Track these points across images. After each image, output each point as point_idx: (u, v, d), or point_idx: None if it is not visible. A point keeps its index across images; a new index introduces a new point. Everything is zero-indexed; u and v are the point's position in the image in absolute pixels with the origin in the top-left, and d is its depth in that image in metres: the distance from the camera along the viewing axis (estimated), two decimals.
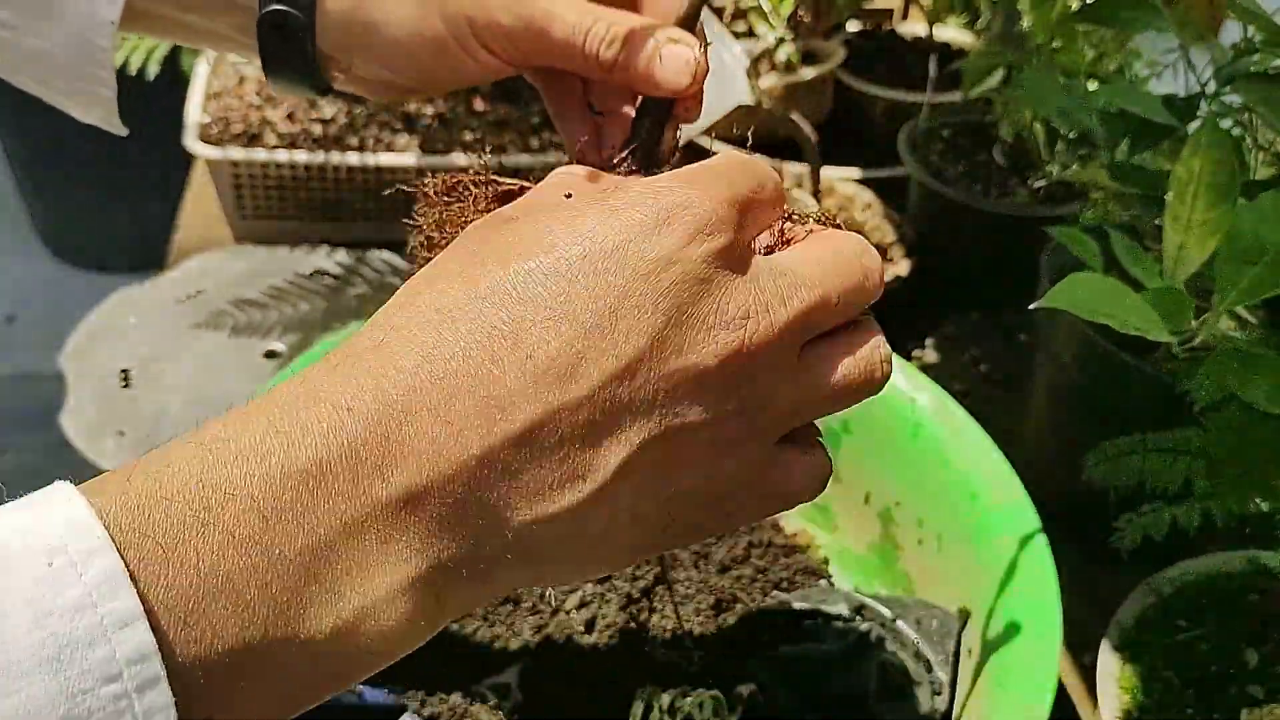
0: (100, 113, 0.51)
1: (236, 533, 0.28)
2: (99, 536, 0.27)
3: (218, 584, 0.28)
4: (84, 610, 0.26)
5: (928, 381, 0.66)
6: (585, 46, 0.44)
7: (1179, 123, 0.61)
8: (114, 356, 0.89)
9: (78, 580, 0.26)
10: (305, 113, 1.04)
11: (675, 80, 0.43)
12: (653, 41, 0.43)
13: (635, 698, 0.56)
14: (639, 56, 0.43)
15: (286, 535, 0.29)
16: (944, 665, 0.59)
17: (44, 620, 0.25)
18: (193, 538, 0.28)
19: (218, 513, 0.28)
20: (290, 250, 1.02)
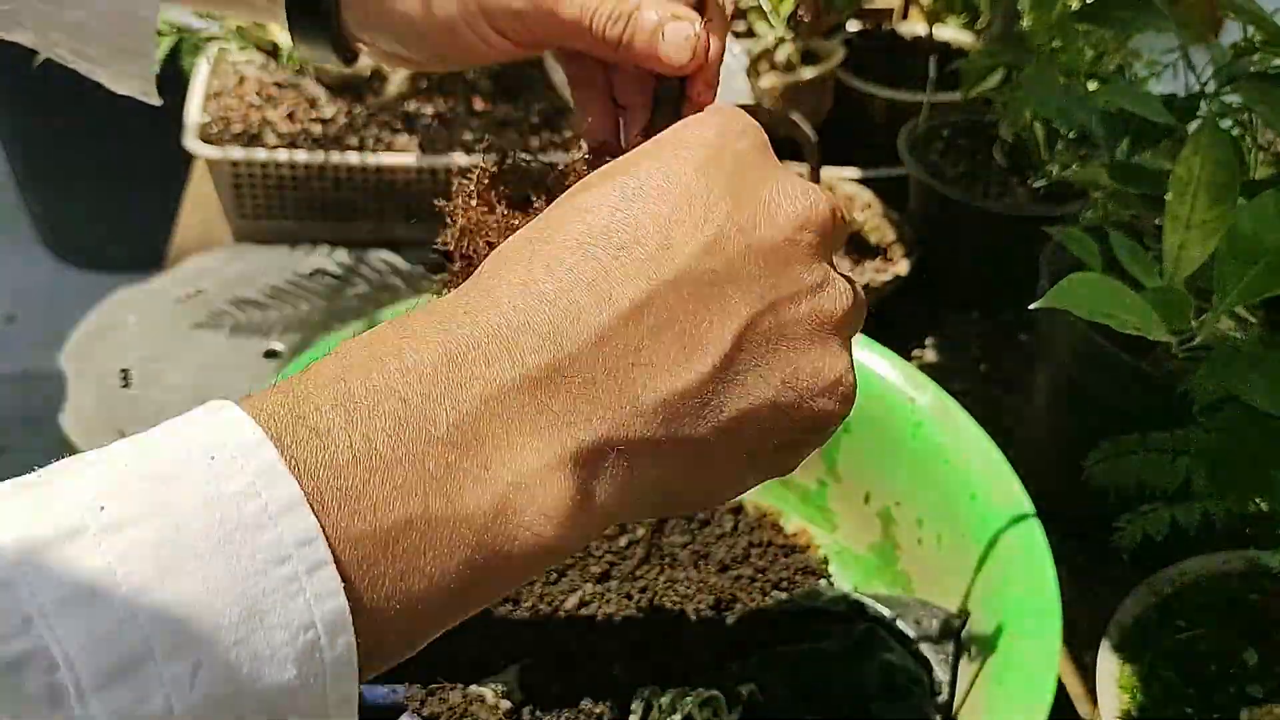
0: (138, 83, 0.52)
1: (383, 416, 0.30)
2: (254, 432, 0.28)
3: (372, 463, 0.29)
4: (249, 498, 0.27)
5: (928, 381, 0.66)
6: (592, 25, 0.45)
7: (1179, 123, 0.61)
8: (114, 356, 0.89)
9: (239, 471, 0.27)
10: (305, 113, 1.04)
11: (677, 56, 0.45)
12: (656, 18, 0.45)
13: (635, 698, 0.56)
14: (642, 33, 0.45)
15: (430, 416, 0.30)
16: (944, 665, 0.59)
17: (213, 507, 0.27)
18: (342, 423, 0.29)
19: (361, 400, 0.30)
20: (290, 250, 1.02)
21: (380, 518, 0.29)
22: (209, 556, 0.26)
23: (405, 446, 0.30)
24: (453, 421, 0.30)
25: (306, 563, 0.27)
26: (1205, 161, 0.50)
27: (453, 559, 0.30)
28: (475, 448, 0.31)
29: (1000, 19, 1.00)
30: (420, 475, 0.30)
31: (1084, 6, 0.80)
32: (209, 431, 0.28)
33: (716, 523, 0.71)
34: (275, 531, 0.27)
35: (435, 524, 0.30)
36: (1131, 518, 0.59)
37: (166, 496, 0.26)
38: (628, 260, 0.33)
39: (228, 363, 0.89)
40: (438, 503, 0.30)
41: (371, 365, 0.31)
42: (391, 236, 1.03)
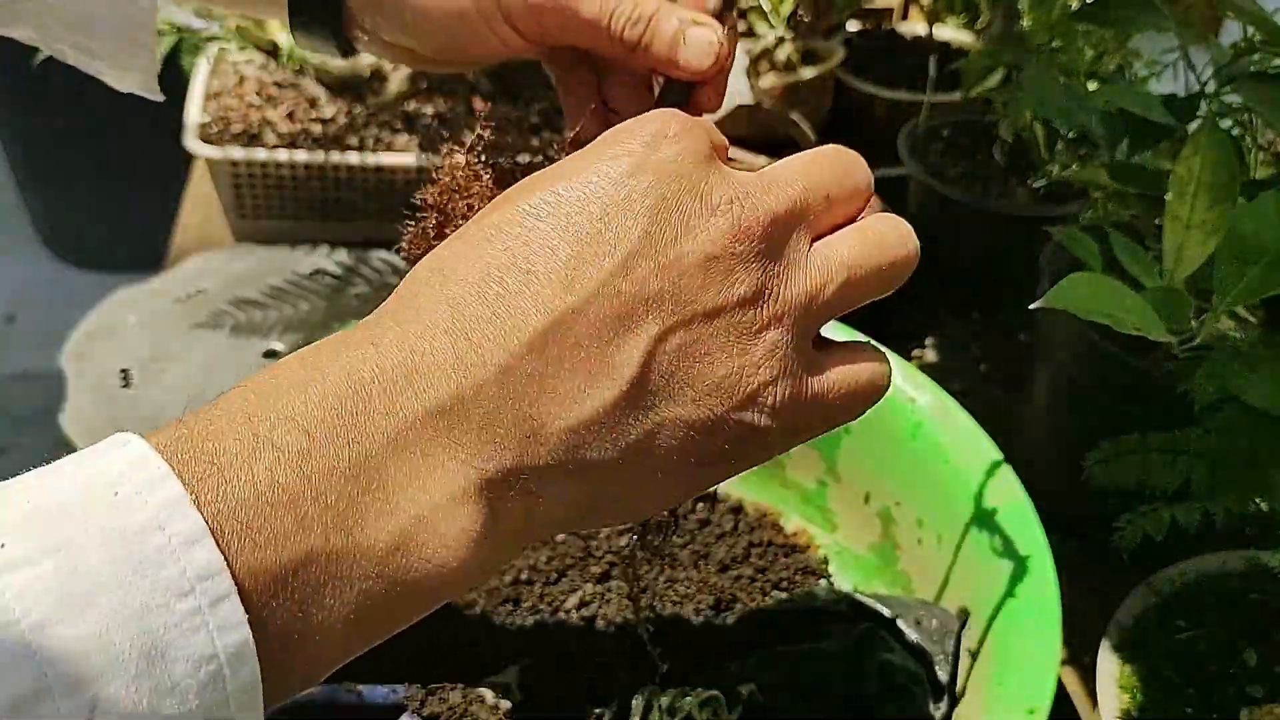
0: (140, 78, 0.52)
1: (287, 450, 0.30)
2: (159, 468, 0.28)
3: (274, 496, 0.29)
4: (151, 532, 0.27)
5: (928, 381, 0.66)
6: (610, 25, 0.45)
7: (1179, 123, 0.61)
8: (114, 356, 0.89)
9: (143, 506, 0.27)
10: (305, 112, 1.04)
11: (698, 62, 0.44)
12: (677, 22, 0.44)
13: (635, 697, 0.56)
14: (663, 37, 0.44)
15: (335, 450, 0.30)
16: (944, 665, 0.59)
17: (115, 542, 0.26)
18: (246, 457, 0.29)
19: (266, 436, 0.30)
20: (290, 250, 1.02)
21: (281, 551, 0.29)
22: (109, 592, 0.26)
23: (307, 481, 0.30)
24: (355, 455, 0.30)
25: (209, 596, 0.27)
26: (1205, 161, 0.50)
27: (353, 590, 0.30)
28: (377, 481, 0.30)
29: (1000, 19, 1.00)
30: (321, 509, 0.30)
31: (1084, 6, 0.80)
32: (113, 465, 0.28)
33: (716, 523, 0.71)
34: (178, 566, 0.27)
35: (336, 557, 0.30)
36: (1131, 518, 0.59)
37: (68, 532, 0.26)
38: (535, 287, 0.33)
39: (228, 363, 0.89)
40: (338, 537, 0.30)
41: (277, 398, 0.31)
42: (391, 236, 1.03)
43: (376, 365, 0.32)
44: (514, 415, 0.32)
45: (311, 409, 0.31)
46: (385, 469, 0.31)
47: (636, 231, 0.33)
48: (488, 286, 0.33)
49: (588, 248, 0.33)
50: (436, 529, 0.31)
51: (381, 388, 0.31)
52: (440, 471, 0.31)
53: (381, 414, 0.31)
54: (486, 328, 0.32)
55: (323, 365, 0.32)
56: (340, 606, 0.30)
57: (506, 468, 0.32)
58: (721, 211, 0.34)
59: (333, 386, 0.31)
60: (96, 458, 0.28)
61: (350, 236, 1.03)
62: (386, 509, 0.31)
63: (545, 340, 0.32)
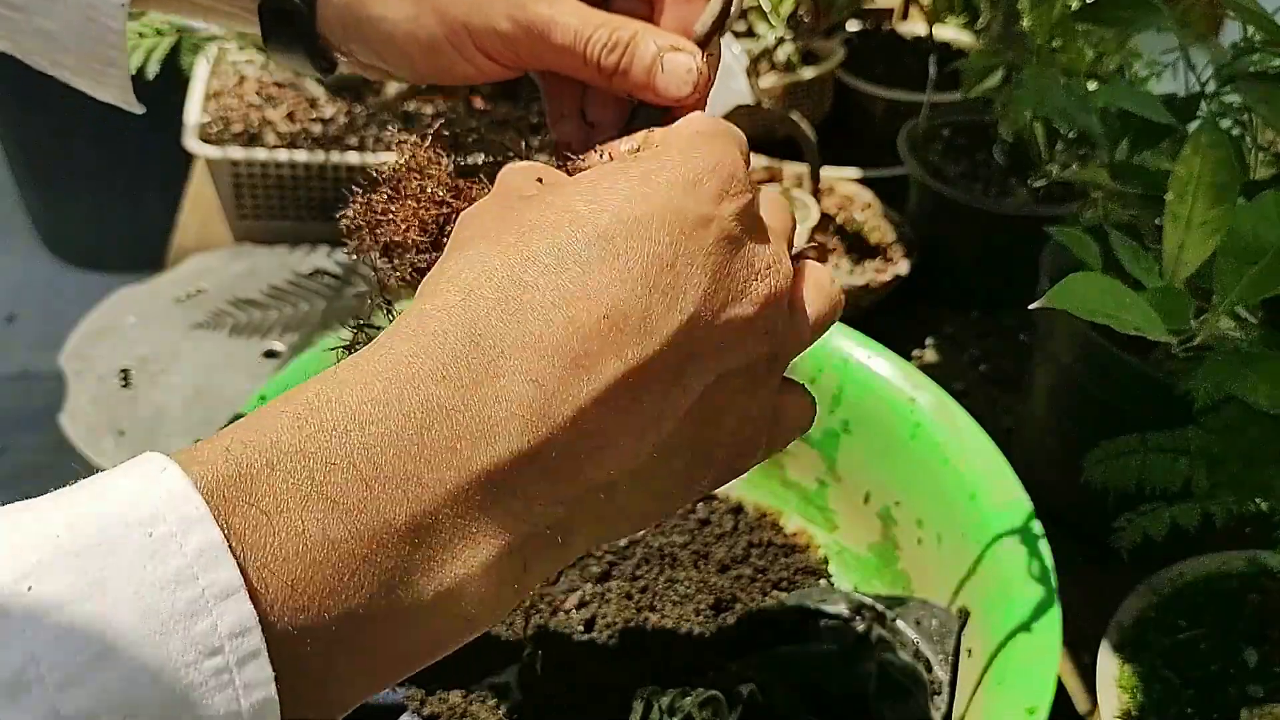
0: (115, 92, 0.51)
1: (341, 501, 0.28)
2: (197, 507, 0.26)
3: (323, 553, 0.28)
4: (185, 583, 0.26)
5: (928, 381, 0.66)
6: (586, 52, 0.44)
7: (1179, 123, 0.61)
8: (114, 356, 0.89)
9: (178, 551, 0.26)
10: (305, 112, 1.04)
11: (676, 90, 0.43)
12: (655, 48, 0.43)
13: (635, 698, 0.56)
14: (640, 63, 0.43)
15: (392, 503, 0.29)
16: (944, 665, 0.59)
17: (146, 593, 0.25)
18: (296, 506, 0.28)
19: (321, 481, 0.28)
20: (290, 250, 1.02)
21: (321, 610, 0.28)
22: (138, 648, 0.25)
23: (358, 540, 0.28)
24: (412, 512, 0.29)
25: (239, 654, 0.26)
26: (1205, 161, 0.50)
27: (386, 648, 0.29)
28: (429, 540, 0.29)
29: (1000, 19, 1.00)
30: (368, 570, 0.28)
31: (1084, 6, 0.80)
32: (148, 500, 0.26)
33: (716, 523, 0.71)
34: (210, 620, 0.26)
35: (375, 617, 0.29)
36: (1131, 518, 0.59)
37: (98, 576, 0.25)
38: (610, 334, 0.31)
39: (228, 363, 0.89)
40: (380, 599, 0.29)
41: (335, 434, 0.29)
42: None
43: (445, 408, 0.29)
44: (572, 470, 0.31)
45: (373, 452, 0.29)
46: (439, 527, 0.29)
47: (701, 290, 0.33)
48: (563, 324, 0.31)
49: (659, 299, 0.32)
50: (476, 587, 0.30)
51: (448, 435, 0.29)
52: (494, 528, 0.30)
53: (446, 465, 0.29)
54: (562, 372, 0.31)
55: (386, 399, 0.29)
56: (369, 661, 0.29)
57: (554, 523, 0.32)
58: (762, 277, 0.35)
59: (398, 428, 0.29)
60: (129, 486, 0.27)
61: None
62: (433, 570, 0.29)
63: (616, 391, 0.31)
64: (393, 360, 0.31)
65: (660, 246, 0.33)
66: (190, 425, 0.81)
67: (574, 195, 0.34)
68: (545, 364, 0.31)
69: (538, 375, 0.30)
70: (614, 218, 0.33)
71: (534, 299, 0.31)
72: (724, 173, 0.35)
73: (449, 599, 0.30)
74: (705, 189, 0.34)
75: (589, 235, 0.32)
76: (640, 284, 0.32)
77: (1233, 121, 0.62)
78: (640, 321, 0.32)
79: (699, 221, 0.33)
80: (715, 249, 0.33)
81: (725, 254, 0.34)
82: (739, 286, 0.34)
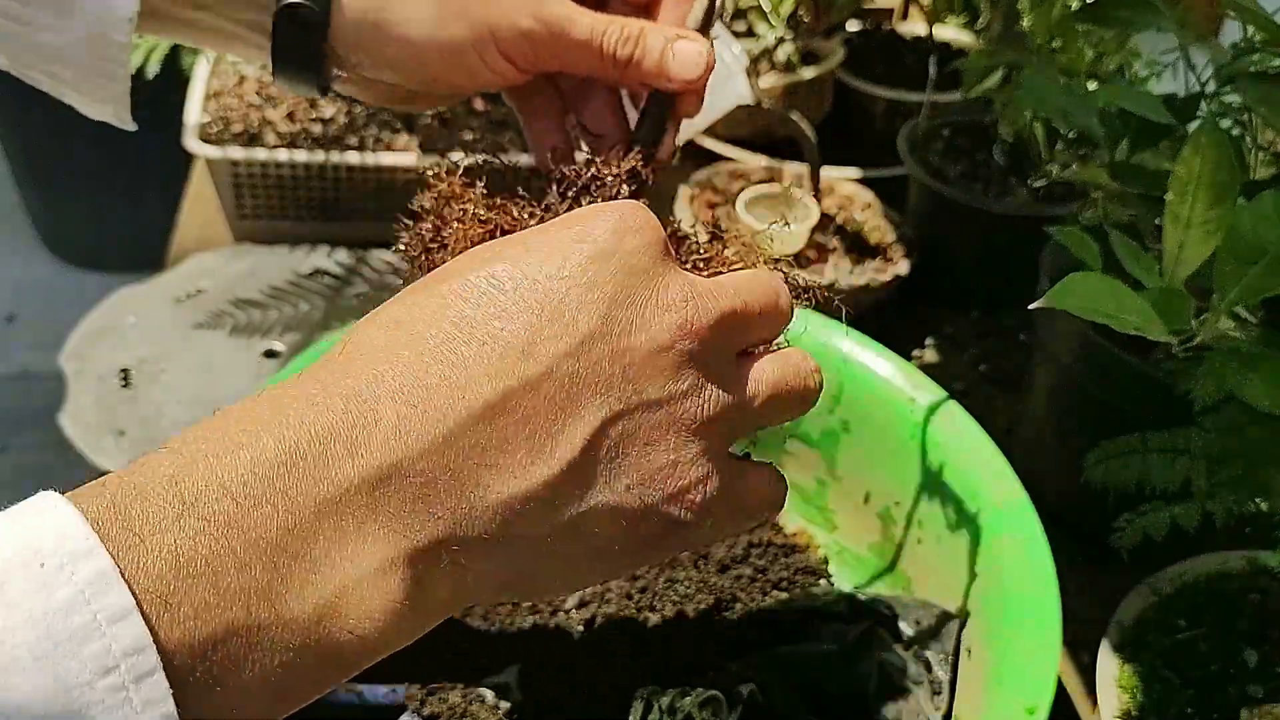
0: (112, 109, 0.51)
1: (212, 519, 0.29)
2: (86, 538, 0.27)
3: (196, 567, 0.28)
4: (76, 609, 0.26)
5: (928, 381, 0.66)
6: (603, 45, 0.47)
7: (1179, 123, 0.61)
8: (114, 356, 0.89)
9: (69, 580, 0.27)
10: (305, 112, 1.04)
11: (688, 72, 0.47)
12: (664, 38, 0.47)
13: (635, 698, 0.56)
14: (653, 53, 0.47)
15: (263, 517, 0.30)
16: (944, 665, 0.59)
17: (38, 621, 0.26)
18: (169, 526, 0.28)
19: (192, 503, 0.29)
20: (290, 250, 1.02)
21: (202, 625, 0.28)
22: (32, 671, 0.26)
23: (231, 552, 0.29)
24: (283, 523, 0.30)
25: (134, 673, 0.27)
26: (1205, 161, 0.50)
27: (274, 660, 0.30)
28: (305, 552, 0.30)
29: (1000, 19, 1.00)
30: (244, 581, 0.29)
31: (1084, 6, 0.80)
32: (39, 534, 0.27)
33: None
34: (104, 642, 0.26)
35: (258, 629, 0.29)
36: (1131, 518, 0.59)
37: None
38: (489, 357, 0.33)
39: (228, 363, 0.89)
40: (261, 609, 0.29)
41: (208, 460, 0.30)
42: (391, 236, 1.03)
43: (314, 429, 0.31)
44: (450, 486, 0.32)
45: (242, 473, 0.30)
46: (313, 538, 0.30)
47: (595, 316, 0.34)
48: (442, 352, 0.32)
49: (547, 325, 0.33)
50: (361, 601, 0.31)
51: (318, 453, 0.30)
52: (369, 541, 0.31)
53: (314, 480, 0.30)
54: (435, 396, 0.32)
55: (259, 425, 0.31)
56: (261, 674, 0.30)
57: (437, 539, 0.32)
58: (675, 309, 0.35)
59: (267, 450, 0.30)
60: (20, 523, 0.28)
61: (350, 236, 1.03)
62: (312, 579, 0.30)
63: (494, 411, 0.32)
64: (272, 395, 0.32)
65: (555, 280, 0.34)
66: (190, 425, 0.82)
67: (493, 247, 0.36)
68: (416, 383, 0.32)
69: (408, 393, 0.32)
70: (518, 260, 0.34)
71: (415, 329, 0.33)
72: (623, 211, 0.36)
73: (332, 611, 0.30)
74: (604, 224, 0.35)
75: (490, 274, 0.34)
76: (530, 312, 0.33)
77: (1233, 121, 0.62)
78: (525, 345, 0.33)
79: (598, 255, 0.34)
80: (616, 278, 0.34)
81: (629, 283, 0.35)
82: (644, 315, 0.35)
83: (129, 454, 0.78)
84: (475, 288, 0.34)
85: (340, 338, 0.35)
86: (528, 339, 0.33)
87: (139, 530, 0.28)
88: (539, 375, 0.33)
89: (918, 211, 0.98)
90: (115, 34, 0.47)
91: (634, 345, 0.34)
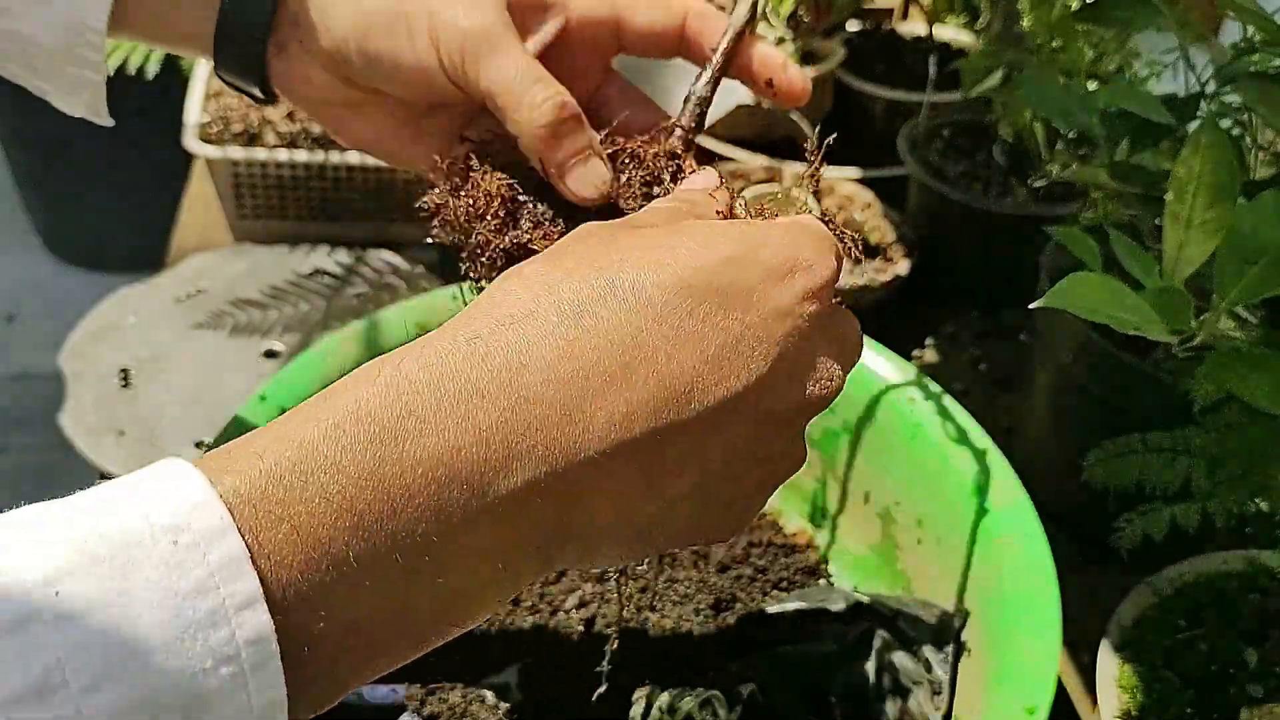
0: (88, 100, 0.50)
1: (366, 519, 0.29)
2: (221, 517, 0.27)
3: (343, 570, 0.29)
4: (207, 593, 0.27)
5: (928, 381, 0.66)
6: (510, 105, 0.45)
7: (1179, 123, 0.61)
8: (113, 356, 0.89)
9: (201, 561, 0.27)
10: None
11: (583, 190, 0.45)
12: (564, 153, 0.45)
13: (635, 698, 0.56)
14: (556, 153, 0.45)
15: (411, 523, 0.29)
16: (944, 665, 0.59)
17: (168, 601, 0.26)
18: (325, 522, 0.28)
19: (352, 498, 0.29)
20: (290, 250, 1.02)
21: (329, 620, 0.29)
22: (159, 654, 0.26)
23: (375, 557, 0.29)
24: (429, 531, 0.30)
25: (253, 660, 0.27)
26: (1205, 161, 0.50)
27: (380, 650, 0.31)
28: (439, 558, 0.30)
29: (1000, 19, 1.00)
30: (379, 582, 0.29)
31: (1084, 6, 0.80)
32: (173, 509, 0.27)
33: None
34: (228, 629, 0.27)
35: (377, 626, 0.30)
36: (1131, 518, 0.59)
37: (123, 584, 0.26)
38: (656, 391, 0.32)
39: (228, 363, 0.89)
40: (385, 610, 0.30)
41: (370, 448, 0.29)
42: (391, 236, 1.03)
43: (479, 430, 0.30)
44: (580, 506, 0.32)
45: (403, 473, 0.29)
46: (452, 544, 0.30)
47: (753, 378, 0.34)
48: (614, 371, 0.32)
49: (710, 371, 0.33)
50: (475, 601, 0.32)
51: (477, 458, 0.30)
52: (499, 548, 0.31)
53: (469, 488, 0.30)
54: (599, 417, 0.31)
55: (422, 410, 0.30)
56: (363, 658, 0.31)
57: (551, 546, 0.33)
58: (819, 385, 0.36)
59: (428, 448, 0.30)
60: (158, 492, 0.28)
61: (350, 236, 1.03)
62: (439, 581, 0.30)
63: (641, 448, 0.32)
64: (438, 371, 0.31)
65: (731, 322, 0.33)
66: (190, 425, 0.81)
67: (671, 238, 0.34)
68: (582, 402, 0.31)
69: (574, 413, 0.31)
70: (703, 277, 0.33)
71: (593, 341, 0.32)
72: (817, 275, 0.35)
73: (450, 614, 0.31)
74: (795, 283, 0.35)
75: (672, 284, 0.33)
76: (699, 353, 0.33)
77: (1233, 121, 0.62)
78: (686, 388, 0.33)
79: (777, 313, 0.34)
80: (783, 342, 0.34)
81: (790, 350, 0.34)
82: (792, 386, 0.35)
83: (129, 454, 0.78)
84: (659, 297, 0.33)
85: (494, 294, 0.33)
86: (691, 382, 0.33)
87: (295, 521, 0.28)
88: (688, 421, 0.33)
89: (918, 211, 0.98)
90: (90, 19, 0.47)
91: (772, 410, 0.35)
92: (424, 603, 0.31)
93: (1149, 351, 0.64)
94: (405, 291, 0.97)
